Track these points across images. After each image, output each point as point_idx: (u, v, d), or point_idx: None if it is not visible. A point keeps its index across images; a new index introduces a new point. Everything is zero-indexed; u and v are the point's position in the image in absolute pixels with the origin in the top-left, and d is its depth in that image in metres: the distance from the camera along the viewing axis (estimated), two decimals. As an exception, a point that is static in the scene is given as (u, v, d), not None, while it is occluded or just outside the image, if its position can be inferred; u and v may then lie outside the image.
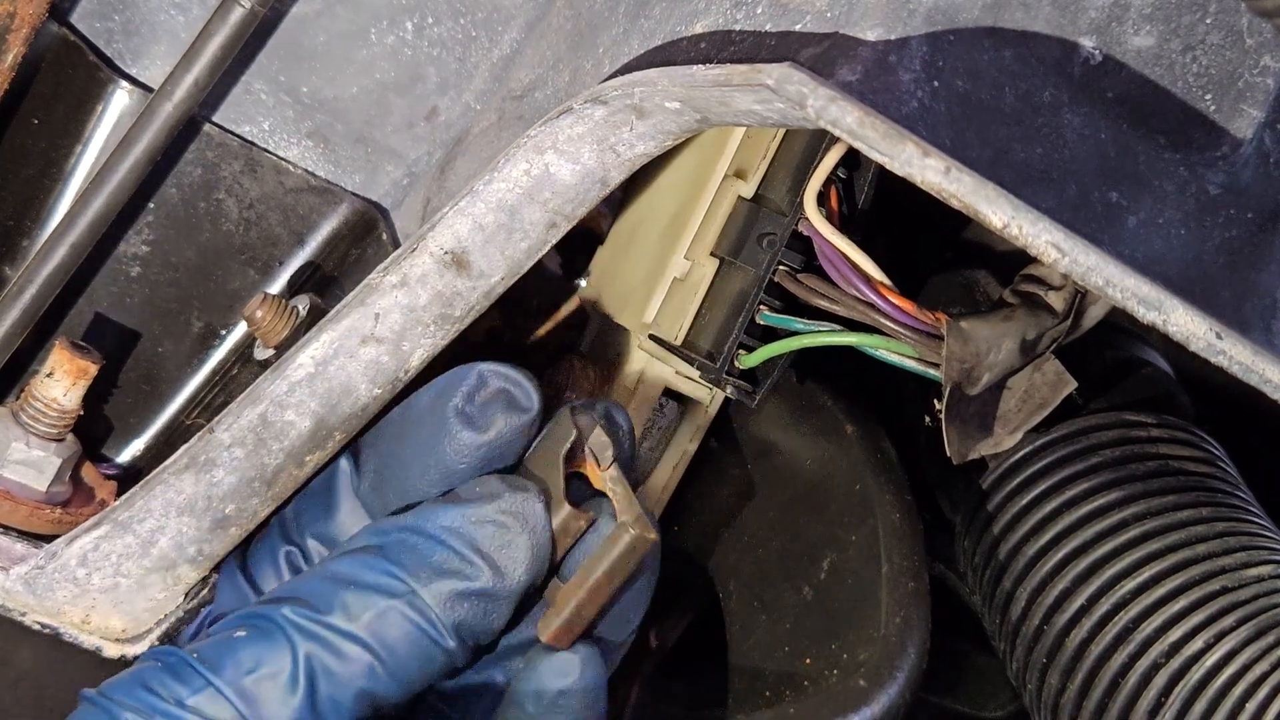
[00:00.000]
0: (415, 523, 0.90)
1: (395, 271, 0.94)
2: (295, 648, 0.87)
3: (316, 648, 0.87)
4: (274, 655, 0.86)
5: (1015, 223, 0.73)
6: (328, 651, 0.87)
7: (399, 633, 0.88)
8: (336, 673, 0.87)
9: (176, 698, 0.86)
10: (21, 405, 1.02)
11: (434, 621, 0.88)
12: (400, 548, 0.90)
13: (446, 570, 0.89)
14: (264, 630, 0.88)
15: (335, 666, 0.87)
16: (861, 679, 0.89)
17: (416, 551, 0.89)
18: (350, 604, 0.88)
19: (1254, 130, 0.86)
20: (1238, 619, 0.93)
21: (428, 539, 0.89)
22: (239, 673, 0.86)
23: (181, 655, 0.88)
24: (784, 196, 0.97)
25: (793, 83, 0.73)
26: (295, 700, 0.86)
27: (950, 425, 0.96)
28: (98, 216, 1.03)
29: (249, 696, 0.86)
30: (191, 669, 0.87)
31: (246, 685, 0.86)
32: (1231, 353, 0.78)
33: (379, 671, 0.87)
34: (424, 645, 0.88)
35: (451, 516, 0.90)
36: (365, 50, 1.11)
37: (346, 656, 0.87)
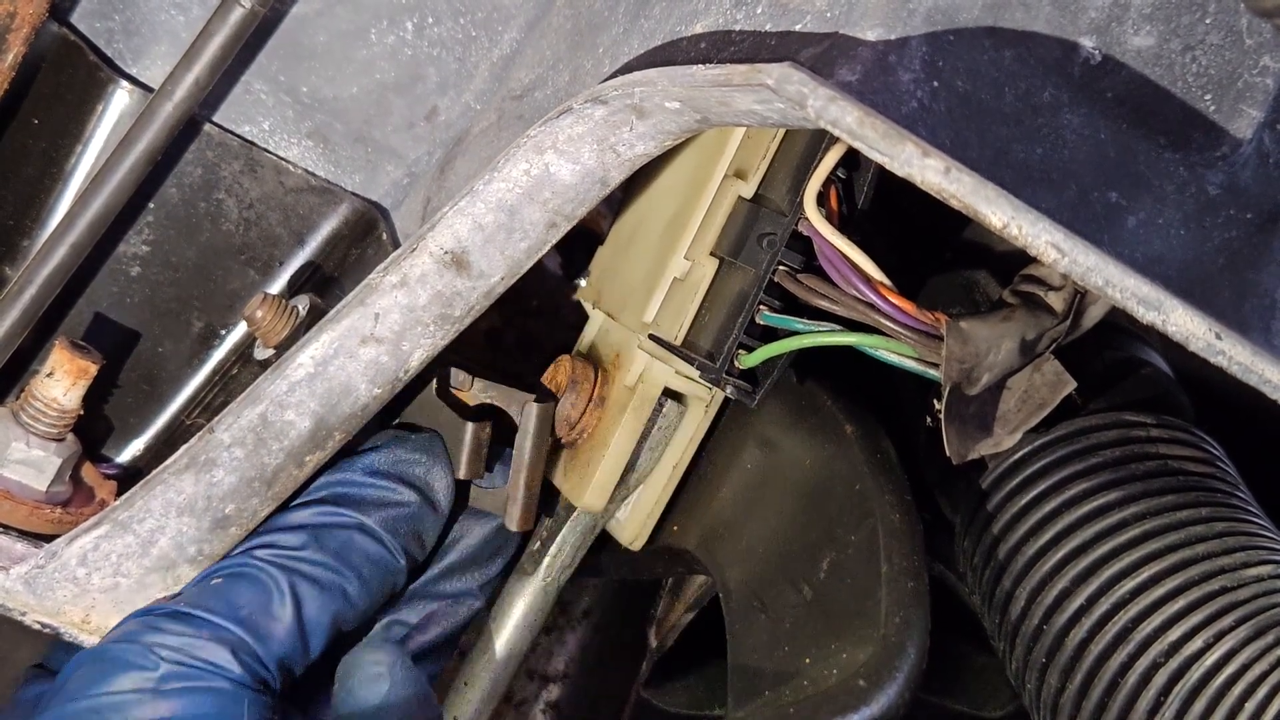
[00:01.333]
0: (343, 474, 1.04)
1: (395, 271, 0.94)
2: (277, 580, 0.97)
3: (295, 578, 0.98)
4: (258, 590, 0.97)
5: (1015, 223, 0.73)
6: (304, 580, 0.98)
7: (360, 555, 1.01)
8: (314, 597, 0.98)
9: (188, 635, 0.94)
10: (22, 405, 1.02)
11: (385, 543, 1.03)
12: (340, 495, 1.03)
13: (383, 501, 1.04)
14: (241, 573, 0.98)
15: (312, 591, 0.98)
16: (861, 679, 0.89)
17: (353, 494, 1.03)
18: (314, 540, 1.00)
19: (1253, 130, 0.86)
20: (1237, 619, 0.93)
21: (358, 484, 1.04)
22: (234, 609, 0.96)
23: (172, 608, 0.96)
24: (784, 196, 0.97)
25: (792, 83, 0.73)
26: (286, 623, 0.97)
27: (950, 425, 0.96)
28: (98, 216, 1.03)
29: (247, 624, 0.95)
30: (188, 615, 0.95)
31: (243, 616, 0.95)
32: (1231, 353, 0.78)
33: (349, 591, 1.00)
34: (382, 563, 1.03)
35: (372, 460, 1.05)
36: (365, 50, 1.11)
37: (322, 581, 0.99)
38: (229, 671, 0.93)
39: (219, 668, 0.93)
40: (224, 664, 0.93)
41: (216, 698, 0.93)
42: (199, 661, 0.93)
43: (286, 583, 0.97)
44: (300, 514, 1.01)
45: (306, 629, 0.98)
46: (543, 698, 1.61)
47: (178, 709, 0.91)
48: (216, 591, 0.96)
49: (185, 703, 0.91)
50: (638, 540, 1.16)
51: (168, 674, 0.92)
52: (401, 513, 1.04)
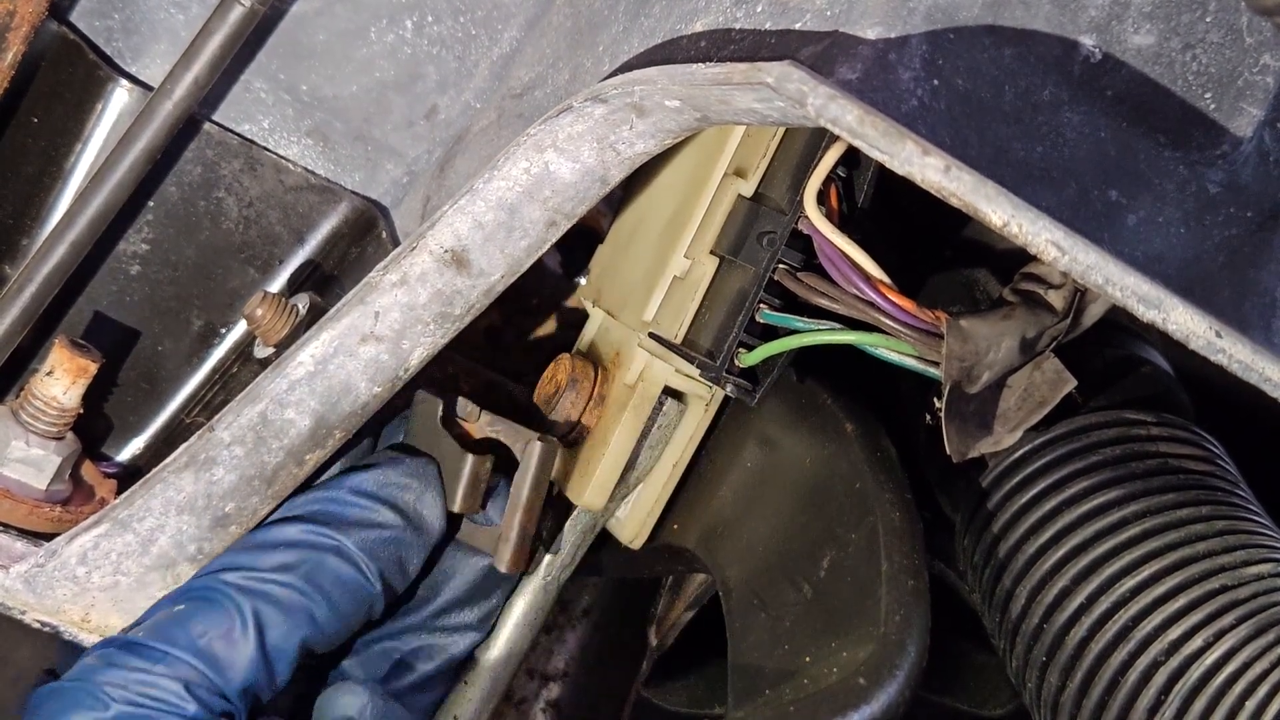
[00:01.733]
0: (329, 492, 1.02)
1: (395, 269, 0.94)
2: (240, 606, 0.95)
3: (259, 603, 0.96)
4: (220, 616, 0.95)
5: (1015, 221, 0.73)
6: (269, 604, 0.96)
7: (332, 579, 0.98)
8: (279, 622, 0.96)
9: (142, 671, 0.92)
10: (21, 403, 1.02)
11: (360, 566, 1.00)
12: (321, 512, 1.00)
13: (365, 523, 1.01)
14: (206, 598, 0.96)
15: (278, 617, 0.96)
16: (861, 677, 0.88)
17: (335, 512, 1.00)
18: (285, 561, 0.97)
19: (1254, 129, 0.86)
20: (1237, 617, 0.93)
21: (342, 502, 1.01)
22: (191, 638, 0.94)
23: (130, 639, 0.94)
24: (784, 195, 0.97)
25: (793, 81, 0.73)
26: (248, 652, 0.95)
27: (950, 423, 0.96)
28: (97, 215, 1.03)
29: (205, 655, 0.93)
30: (145, 646, 0.93)
31: (201, 647, 0.93)
32: (1231, 351, 0.78)
33: (317, 616, 0.97)
34: (355, 588, 1.00)
35: (361, 480, 1.02)
36: (365, 48, 1.11)
37: (287, 605, 0.96)
38: (182, 710, 0.92)
39: (172, 706, 0.92)
40: (176, 702, 0.92)
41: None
42: (150, 700, 0.91)
43: (250, 608, 0.95)
44: (277, 531, 0.99)
45: (270, 656, 0.96)
46: (543, 696, 1.61)
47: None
48: (177, 620, 0.95)
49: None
50: (638, 539, 1.16)
51: (119, 715, 0.91)
52: (383, 536, 1.01)
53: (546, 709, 1.60)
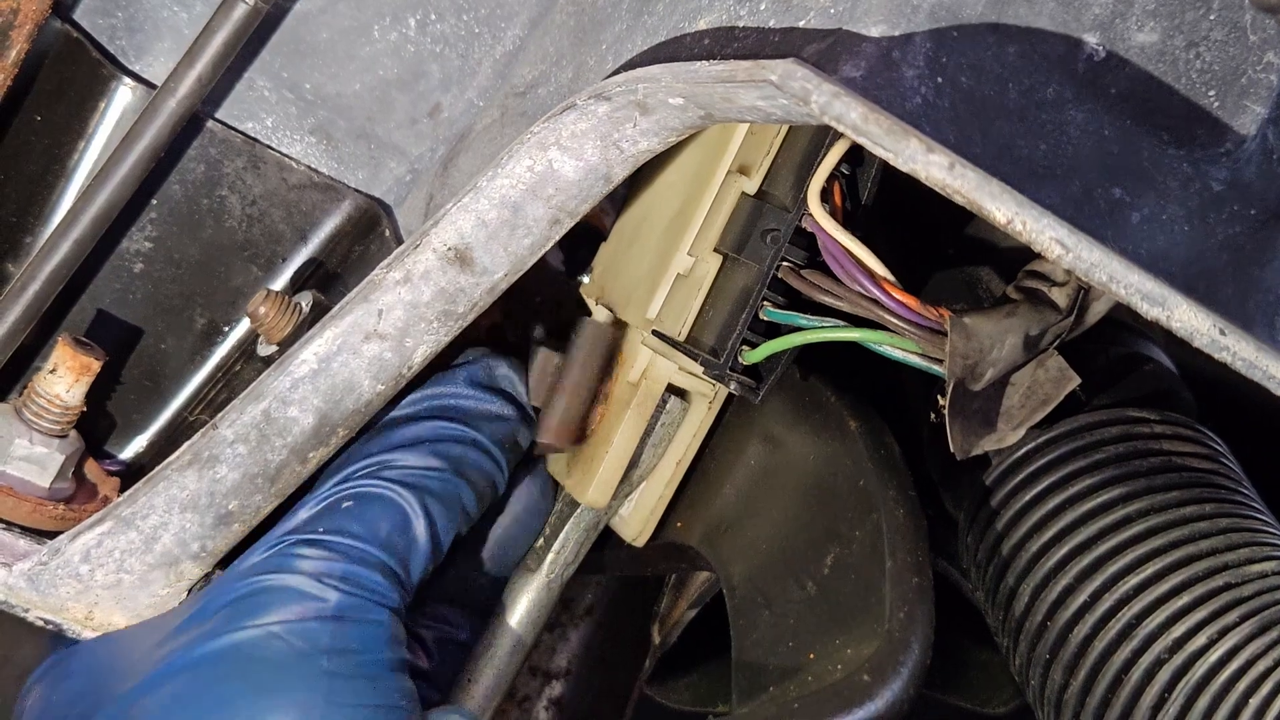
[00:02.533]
0: (446, 387, 1.07)
1: (399, 267, 0.95)
2: (410, 501, 0.98)
3: (426, 496, 0.99)
4: (394, 511, 0.98)
5: (1019, 219, 0.72)
6: (432, 498, 0.99)
7: (475, 470, 1.04)
8: (442, 514, 1.00)
9: (341, 562, 0.94)
10: (24, 402, 1.02)
11: (494, 455, 1.06)
12: (449, 407, 1.05)
13: (488, 414, 1.06)
14: (373, 494, 0.98)
15: (440, 509, 1.00)
16: (866, 674, 0.89)
17: (460, 405, 1.06)
18: (434, 455, 1.01)
19: (1257, 126, 0.86)
20: (1241, 615, 0.93)
21: (463, 395, 1.06)
22: (374, 532, 0.97)
23: (309, 535, 0.96)
24: (787, 193, 0.97)
25: (796, 79, 0.73)
26: (423, 544, 0.98)
27: (953, 421, 0.96)
28: (101, 213, 1.03)
29: (389, 548, 0.96)
30: (333, 541, 0.95)
31: (384, 540, 0.97)
32: (1235, 349, 0.78)
33: (467, 506, 1.03)
34: (491, 476, 1.06)
35: (474, 372, 1.08)
36: (368, 47, 1.11)
37: (446, 498, 1.00)
38: (389, 598, 0.95)
39: (381, 595, 0.94)
40: (385, 592, 0.95)
41: (385, 628, 0.94)
42: (366, 591, 0.94)
43: (418, 501, 0.99)
44: (414, 429, 1.03)
45: (440, 545, 1.00)
46: (546, 694, 1.61)
47: (358, 638, 0.92)
48: (351, 515, 0.97)
49: (362, 633, 0.92)
50: (641, 536, 1.16)
51: (341, 603, 0.93)
52: (505, 426, 1.08)
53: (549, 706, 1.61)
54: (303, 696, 0.88)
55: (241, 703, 0.88)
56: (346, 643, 0.91)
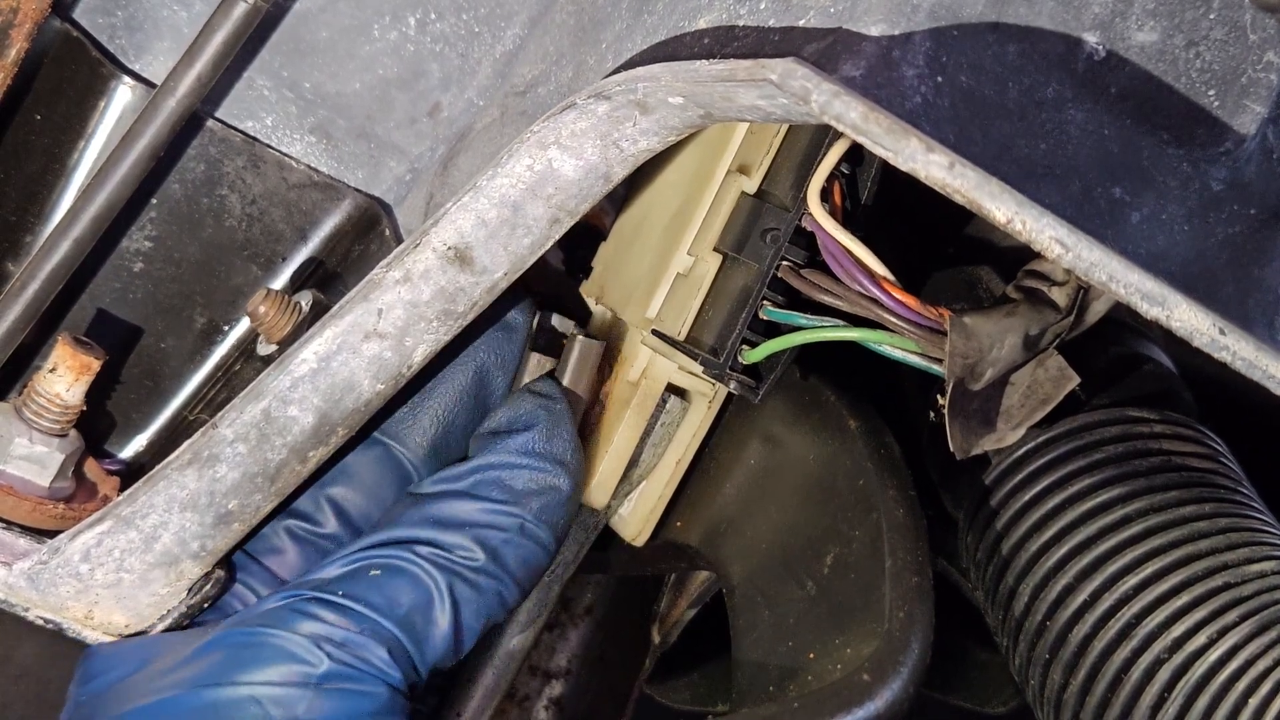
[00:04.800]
0: (498, 457, 1.01)
1: (398, 267, 0.94)
2: (438, 583, 0.95)
3: (455, 581, 0.96)
4: (419, 590, 0.95)
5: (1019, 218, 0.73)
6: (463, 584, 0.96)
7: (518, 560, 0.99)
8: (472, 601, 0.96)
9: (345, 630, 0.92)
10: (24, 401, 1.02)
11: (543, 542, 1.00)
12: (497, 482, 1.00)
13: (540, 489, 1.01)
14: (400, 569, 0.96)
15: (471, 596, 0.96)
16: (865, 674, 0.89)
17: (509, 482, 1.00)
18: (474, 543, 0.97)
19: (1257, 126, 0.86)
20: (1240, 615, 0.93)
21: (514, 467, 1.01)
22: (392, 607, 0.94)
23: (325, 595, 0.94)
24: (787, 192, 0.97)
25: (796, 78, 0.73)
26: (444, 629, 0.95)
27: (953, 421, 0.96)
28: (100, 212, 1.03)
29: (406, 626, 0.94)
30: (347, 607, 0.93)
31: (402, 617, 0.94)
32: (1235, 348, 0.78)
33: (505, 597, 0.98)
34: (538, 563, 1.01)
35: (528, 441, 1.01)
36: (368, 46, 1.11)
37: (480, 587, 0.97)
38: (388, 676, 0.92)
39: (380, 671, 0.92)
40: (383, 668, 0.92)
41: (374, 703, 0.91)
42: (362, 663, 0.92)
43: (446, 585, 0.96)
44: (459, 505, 0.99)
45: (462, 635, 0.97)
46: (545, 694, 1.60)
47: (338, 711, 0.90)
48: (375, 584, 0.95)
49: (345, 705, 0.90)
50: (641, 536, 1.16)
51: (330, 672, 0.90)
52: (556, 499, 1.02)
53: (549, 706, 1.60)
54: None
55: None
56: (324, 715, 0.90)
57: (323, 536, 1.02)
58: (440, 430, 1.04)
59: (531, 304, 1.10)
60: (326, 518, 1.02)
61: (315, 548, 1.02)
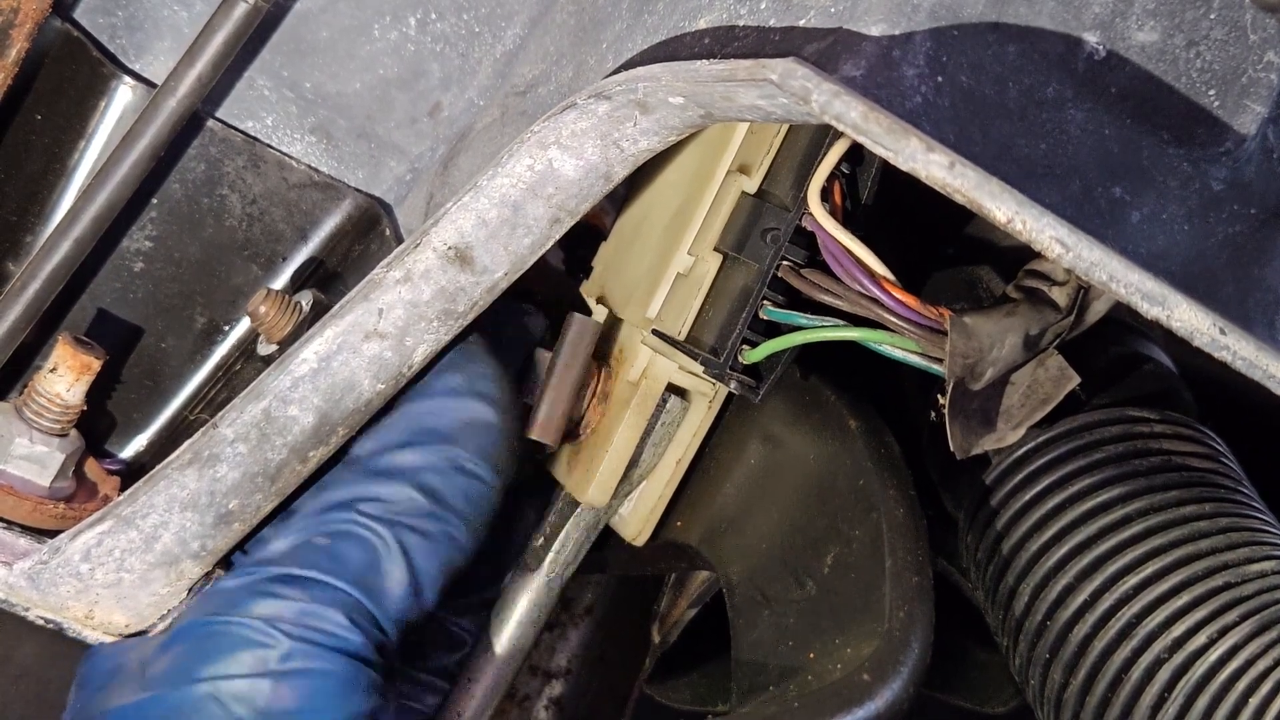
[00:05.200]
0: (423, 402, 1.00)
1: (399, 266, 0.95)
2: (384, 536, 0.94)
3: (402, 532, 0.95)
4: (366, 549, 0.94)
5: (1019, 218, 0.73)
6: (411, 533, 0.95)
7: (461, 497, 0.98)
8: (423, 548, 0.96)
9: (300, 601, 0.92)
10: (25, 400, 1.02)
11: (480, 475, 0.99)
12: (427, 429, 0.99)
13: (470, 424, 1.00)
14: (347, 531, 0.95)
15: (421, 543, 0.96)
16: (866, 673, 0.89)
17: (437, 425, 0.99)
18: (413, 488, 0.96)
19: (1257, 126, 0.86)
20: (1241, 614, 0.93)
21: (440, 410, 0.99)
22: (344, 567, 0.93)
23: (276, 570, 0.93)
24: (787, 192, 0.97)
25: (797, 78, 0.73)
26: (400, 580, 0.95)
27: (953, 420, 0.96)
28: (101, 212, 1.03)
29: (361, 585, 0.93)
30: (298, 576, 0.93)
31: (354, 576, 0.93)
32: (1235, 348, 0.78)
33: (456, 536, 0.97)
34: (480, 496, 0.99)
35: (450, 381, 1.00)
36: (368, 46, 1.11)
37: (427, 532, 0.96)
38: (348, 641, 0.92)
39: (339, 638, 0.91)
40: (343, 633, 0.92)
41: (336, 682, 0.91)
42: (319, 634, 0.91)
43: (393, 537, 0.95)
44: (396, 457, 0.98)
45: (421, 583, 0.96)
46: (546, 694, 1.61)
47: (301, 694, 0.89)
48: (324, 551, 0.94)
49: (307, 687, 0.90)
50: (641, 536, 1.16)
51: (290, 652, 0.90)
52: (487, 433, 1.01)
53: (549, 706, 1.61)
54: None
55: None
56: (286, 703, 0.89)
57: None
58: None
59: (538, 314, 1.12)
60: None
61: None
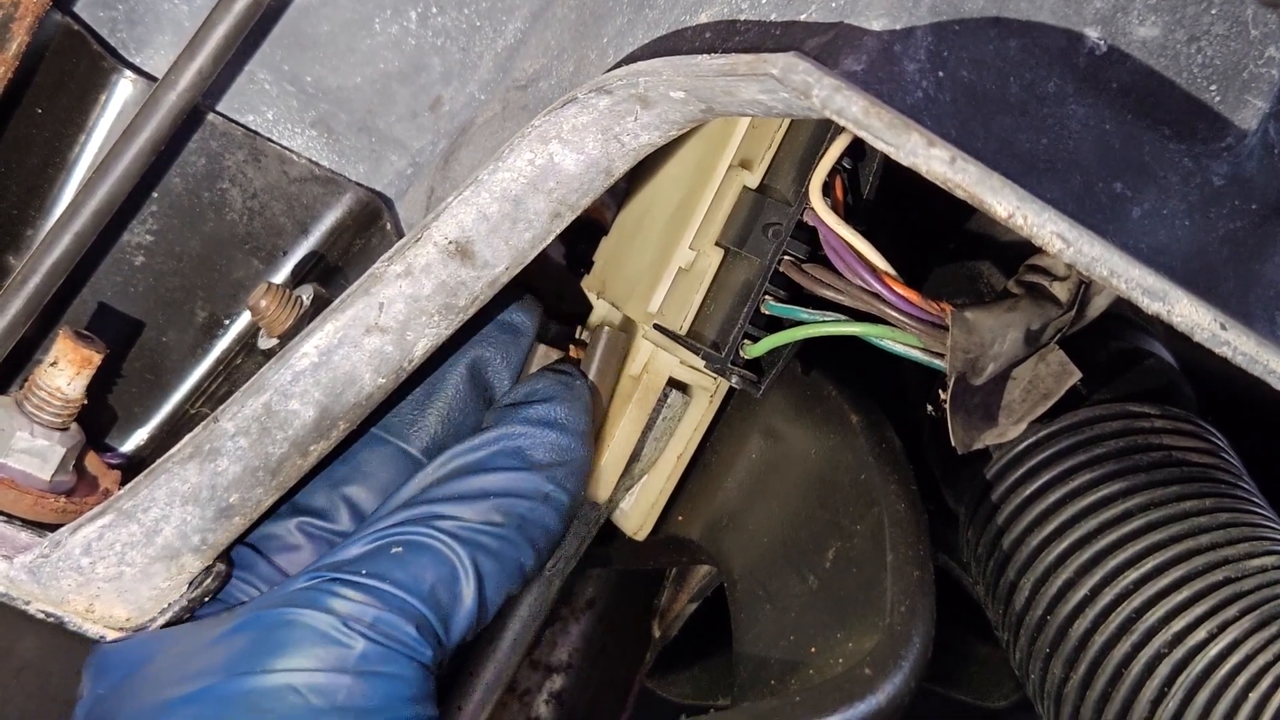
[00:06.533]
0: (518, 427, 1.00)
1: (400, 261, 0.94)
2: (461, 557, 0.94)
3: (479, 554, 0.95)
4: (443, 565, 0.94)
5: (1020, 213, 0.73)
6: (486, 556, 0.95)
7: (539, 530, 0.98)
8: (495, 574, 0.96)
9: (374, 609, 0.91)
10: (25, 394, 1.02)
11: (562, 512, 0.99)
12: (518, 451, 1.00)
13: (559, 460, 1.00)
14: (423, 544, 0.94)
15: (494, 569, 0.96)
16: (867, 667, 0.89)
17: (530, 451, 0.99)
18: (496, 513, 0.96)
19: (1258, 121, 0.86)
20: (1241, 609, 0.93)
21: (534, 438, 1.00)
22: (417, 583, 0.93)
23: (349, 576, 0.93)
24: (789, 187, 0.97)
25: (798, 72, 0.73)
26: (468, 603, 0.94)
27: (955, 415, 0.96)
28: (101, 206, 1.02)
29: (431, 603, 0.93)
30: (373, 586, 0.92)
31: (427, 593, 0.93)
32: (1236, 343, 0.78)
33: (525, 568, 0.98)
34: (556, 530, 1.00)
35: (547, 412, 1.01)
36: (369, 39, 1.11)
37: (502, 559, 0.96)
38: (421, 654, 0.92)
39: (411, 649, 0.91)
40: (415, 645, 0.91)
41: (410, 687, 0.91)
42: (394, 642, 0.91)
43: (470, 559, 0.95)
44: (481, 479, 0.98)
45: (486, 608, 0.96)
46: (546, 688, 1.60)
47: (380, 694, 0.89)
48: (398, 562, 0.94)
49: (383, 689, 0.89)
50: (642, 530, 1.16)
51: (366, 653, 0.89)
52: (575, 469, 1.02)
53: (550, 700, 1.60)
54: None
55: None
56: (363, 701, 0.89)
57: (337, 534, 1.01)
58: (447, 430, 1.04)
59: (537, 304, 1.09)
60: (341, 515, 1.02)
61: (330, 545, 1.01)
